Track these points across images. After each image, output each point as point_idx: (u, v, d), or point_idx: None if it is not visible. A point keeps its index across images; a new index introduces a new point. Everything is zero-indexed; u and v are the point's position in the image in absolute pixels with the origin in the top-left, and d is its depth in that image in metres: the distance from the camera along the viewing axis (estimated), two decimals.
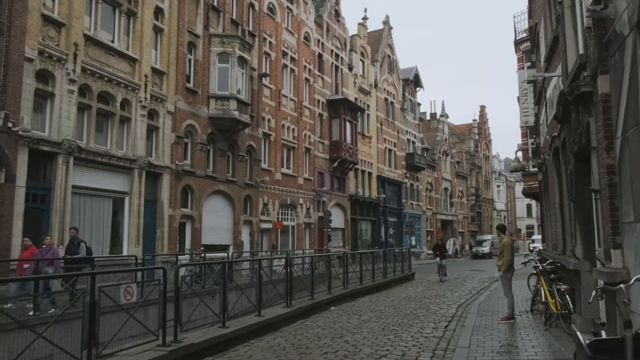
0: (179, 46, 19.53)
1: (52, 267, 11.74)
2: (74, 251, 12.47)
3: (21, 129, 13.13)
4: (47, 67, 14.22)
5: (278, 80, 26.45)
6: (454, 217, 53.20)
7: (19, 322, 7.64)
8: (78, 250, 12.47)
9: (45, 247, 11.99)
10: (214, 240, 20.89)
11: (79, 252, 12.46)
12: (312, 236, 29.09)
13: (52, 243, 12.44)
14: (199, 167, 20.16)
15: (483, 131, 64.15)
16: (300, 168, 28.08)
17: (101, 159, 15.88)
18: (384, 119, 40.17)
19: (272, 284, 12.18)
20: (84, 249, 12.61)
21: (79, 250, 12.47)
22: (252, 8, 24.89)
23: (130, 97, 17.03)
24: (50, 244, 12.16)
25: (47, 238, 12.32)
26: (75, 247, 12.52)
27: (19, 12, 13.28)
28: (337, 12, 34.24)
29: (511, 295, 10.54)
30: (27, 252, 11.87)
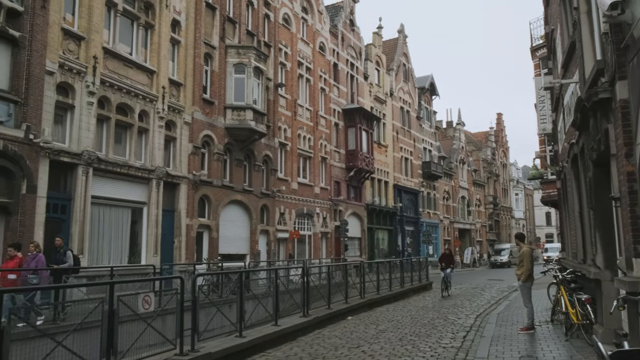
0: (195, 57, 19.77)
1: (37, 277, 11.18)
2: (60, 260, 11.99)
3: (42, 141, 13.37)
4: (67, 80, 14.49)
5: (294, 90, 26.59)
6: (471, 225, 52.73)
7: (39, 331, 7.75)
8: (65, 259, 12.03)
9: (30, 255, 11.41)
10: (231, 249, 20.97)
11: (66, 260, 12.02)
12: (328, 245, 29.04)
13: (39, 250, 11.70)
14: (215, 177, 20.31)
15: (500, 139, 63.63)
16: (316, 177, 28.12)
17: (120, 170, 16.09)
18: (400, 128, 40.10)
19: (289, 293, 12.17)
20: (70, 257, 12.19)
21: (65, 259, 12.02)
22: (268, 19, 25.12)
23: (148, 108, 17.26)
24: (34, 252, 11.50)
25: (31, 245, 11.71)
26: (62, 256, 12.05)
27: (40, 27, 13.57)
28: (351, 21, 34.38)
29: (531, 305, 10.38)
30: (12, 262, 11.07)
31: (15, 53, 13.00)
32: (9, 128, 12.65)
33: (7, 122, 12.66)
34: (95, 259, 15.24)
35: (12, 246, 11.26)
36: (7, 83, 12.82)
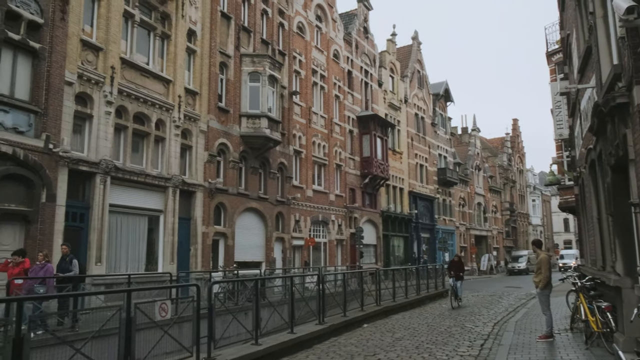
0: (211, 67, 19.96)
1: (44, 287, 11.08)
2: (65, 268, 11.87)
3: (61, 150, 13.59)
4: (86, 90, 14.73)
5: (308, 98, 26.70)
6: (488, 232, 52.26)
7: (58, 338, 7.84)
8: (70, 267, 11.90)
9: (38, 264, 11.31)
10: (246, 257, 21.04)
11: (72, 269, 11.89)
12: (344, 253, 28.99)
13: (48, 260, 11.56)
14: (231, 184, 20.43)
15: (516, 144, 63.12)
16: (331, 185, 28.13)
17: (137, 178, 16.27)
18: (415, 134, 39.99)
19: (304, 300, 12.18)
20: (76, 265, 12.05)
21: (71, 268, 11.89)
22: (282, 28, 25.30)
23: (164, 117, 17.45)
24: (43, 261, 11.38)
25: (40, 254, 11.60)
26: (67, 264, 11.93)
27: (60, 38, 13.83)
28: (365, 29, 34.47)
29: (549, 312, 10.25)
30: (17, 269, 10.89)
31: (36, 64, 13.26)
32: (29, 138, 12.88)
33: (27, 132, 12.90)
34: (112, 267, 15.40)
35: (16, 253, 11.15)
36: (27, 94, 13.08)
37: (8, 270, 10.82)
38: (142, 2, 17.04)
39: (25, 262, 11.06)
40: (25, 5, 12.99)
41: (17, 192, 12.68)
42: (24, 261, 11.02)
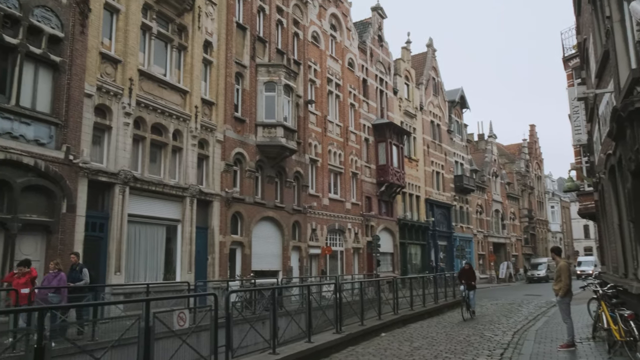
0: (227, 77, 20.16)
1: (58, 296, 11.04)
2: (76, 277, 11.85)
3: (81, 161, 13.81)
4: (105, 102, 14.97)
5: (323, 107, 26.79)
6: (506, 239, 51.68)
7: (79, 347, 7.95)
8: (81, 276, 11.88)
9: (52, 273, 11.26)
10: (263, 266, 21.09)
11: (82, 278, 11.85)
12: (360, 261, 28.89)
13: (60, 269, 11.43)
14: (248, 194, 20.53)
15: (534, 151, 62.49)
16: (347, 193, 28.11)
17: (155, 188, 16.44)
18: (431, 142, 39.84)
19: (321, 309, 12.16)
20: (87, 275, 11.98)
21: (81, 277, 11.87)
22: (297, 37, 25.48)
23: (181, 127, 17.65)
24: (57, 269, 11.30)
25: (51, 263, 11.56)
26: (78, 274, 11.92)
27: (79, 52, 14.10)
28: (380, 37, 34.53)
29: (570, 321, 10.10)
30: (23, 279, 10.73)
31: (56, 77, 13.53)
32: (50, 149, 13.12)
33: (48, 143, 13.14)
34: (131, 276, 15.54)
35: (21, 264, 10.99)
36: (48, 106, 13.34)
37: (14, 280, 10.73)
38: (160, 14, 17.31)
39: (32, 271, 10.95)
40: (46, 20, 13.28)
41: (39, 202, 12.91)
42: (30, 271, 10.87)
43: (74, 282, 11.67)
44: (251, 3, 22.12)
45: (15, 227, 12.14)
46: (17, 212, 12.18)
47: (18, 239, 12.27)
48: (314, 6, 27.08)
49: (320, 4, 27.78)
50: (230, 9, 20.72)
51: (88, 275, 12.04)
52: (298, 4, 25.69)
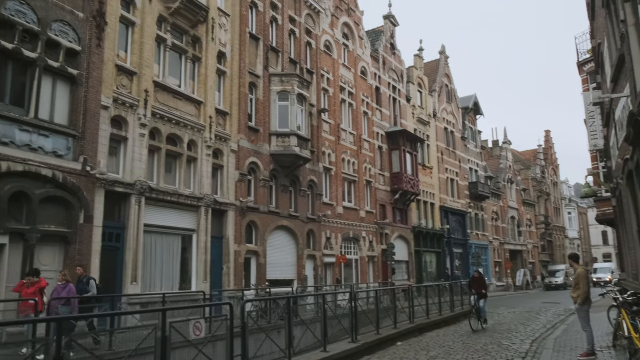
0: (240, 87, 20.32)
1: (69, 307, 10.90)
2: (83, 289, 11.81)
3: (98, 172, 13.99)
4: (121, 114, 15.17)
5: (337, 115, 26.85)
6: (523, 246, 51.10)
7: (97, 357, 8.01)
8: (88, 288, 11.86)
9: (60, 284, 11.13)
10: (278, 275, 21.10)
11: (89, 290, 11.84)
12: (376, 269, 28.77)
13: (68, 280, 11.33)
14: (262, 203, 20.60)
15: (549, 156, 61.89)
16: (361, 201, 28.07)
17: (170, 198, 16.57)
18: (445, 149, 39.66)
19: (337, 318, 12.13)
20: (94, 287, 12.00)
21: (89, 289, 11.85)
22: (310, 47, 25.61)
23: (196, 138, 17.80)
24: (65, 281, 11.18)
25: (60, 274, 11.48)
26: (84, 285, 11.91)
27: (96, 65, 14.33)
28: (392, 45, 34.57)
29: (590, 329, 9.93)
30: (32, 289, 10.71)
31: (74, 90, 13.76)
32: (67, 161, 13.31)
33: (66, 155, 13.33)
34: (148, 286, 15.65)
35: (30, 274, 10.99)
36: (66, 119, 13.56)
37: (23, 290, 10.74)
38: (174, 27, 17.53)
39: (41, 281, 10.90)
40: (64, 34, 13.53)
41: (57, 214, 13.08)
42: (39, 280, 10.83)
43: (81, 294, 11.60)
44: (264, 14, 22.31)
45: (34, 238, 12.32)
46: (36, 223, 12.36)
47: (37, 250, 12.43)
48: (327, 16, 27.23)
49: (333, 13, 27.93)
50: (243, 20, 20.92)
51: (95, 287, 12.04)
52: (310, 13, 25.86)
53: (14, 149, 12.10)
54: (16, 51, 12.37)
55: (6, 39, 12.19)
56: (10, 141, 12.06)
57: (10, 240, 11.96)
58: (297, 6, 24.78)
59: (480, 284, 16.77)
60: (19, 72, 12.66)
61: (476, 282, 16.93)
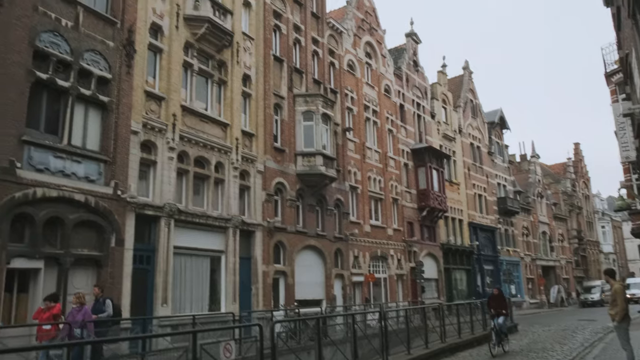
0: (265, 108, 20.58)
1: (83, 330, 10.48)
2: (99, 310, 11.60)
3: (129, 196, 14.28)
4: (150, 138, 15.51)
5: (361, 133, 26.91)
6: (555, 262, 49.87)
7: None
8: (104, 308, 11.65)
9: (76, 307, 10.83)
10: (307, 295, 21.03)
11: (105, 310, 11.63)
12: (404, 288, 28.43)
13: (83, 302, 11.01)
14: (289, 223, 20.66)
15: (579, 169, 60.60)
16: (388, 219, 27.91)
17: (198, 220, 16.77)
18: (472, 164, 39.27)
19: (366, 338, 12.01)
20: (110, 306, 11.75)
21: (104, 309, 11.64)
22: (333, 67, 25.85)
23: (223, 159, 18.04)
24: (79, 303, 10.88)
25: (74, 296, 11.14)
26: (101, 305, 11.71)
27: (126, 91, 14.73)
28: (415, 62, 34.64)
29: (630, 347, 9.61)
30: (47, 314, 10.58)
31: (105, 116, 14.15)
32: (99, 186, 13.64)
33: (97, 180, 13.66)
34: (177, 308, 15.76)
35: (48, 298, 10.85)
36: (98, 144, 13.92)
37: (40, 316, 10.64)
38: (200, 52, 17.93)
39: (56, 307, 10.73)
40: (95, 62, 13.97)
41: (89, 237, 13.36)
42: (54, 306, 10.68)
43: (97, 315, 11.42)
44: (287, 36, 22.66)
45: (68, 261, 12.59)
46: (69, 247, 12.64)
47: (70, 273, 12.69)
48: (349, 36, 27.49)
49: (355, 33, 28.18)
50: (267, 42, 21.27)
51: (111, 307, 11.83)
52: (333, 34, 26.15)
53: (48, 175, 12.47)
54: (50, 81, 12.82)
55: (41, 70, 12.65)
56: (45, 168, 12.44)
57: (45, 264, 12.24)
58: (319, 27, 25.11)
59: (499, 302, 15.50)
60: (52, 101, 13.10)
61: (495, 300, 15.62)
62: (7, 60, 11.89)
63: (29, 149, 12.18)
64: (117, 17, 14.82)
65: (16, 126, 11.90)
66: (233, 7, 19.31)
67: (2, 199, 11.36)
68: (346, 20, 27.67)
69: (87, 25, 13.87)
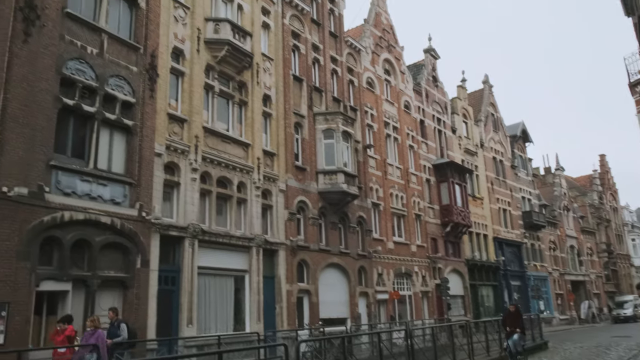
0: (286, 128, 20.74)
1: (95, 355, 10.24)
2: (114, 333, 11.46)
3: (153, 217, 14.46)
4: (173, 160, 15.74)
5: (382, 150, 26.88)
6: (585, 277, 48.69)
7: None
8: (118, 332, 11.50)
9: (89, 331, 10.64)
10: (331, 313, 20.88)
11: (120, 334, 11.48)
12: (430, 305, 28.04)
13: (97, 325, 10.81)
14: (312, 241, 20.64)
15: (606, 181, 59.40)
16: (412, 235, 27.68)
17: (222, 240, 16.86)
18: (495, 179, 38.83)
19: (392, 357, 11.85)
20: (124, 330, 11.60)
21: (119, 333, 11.49)
22: (352, 84, 25.99)
23: (245, 179, 18.18)
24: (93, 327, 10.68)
25: (89, 320, 11.00)
26: (116, 329, 11.56)
27: (149, 114, 15.02)
28: (434, 77, 34.62)
29: None
30: (61, 337, 10.56)
31: (129, 140, 14.42)
32: (124, 208, 13.84)
33: (123, 202, 13.88)
34: (202, 328, 15.79)
35: (61, 320, 10.87)
36: (122, 167, 14.18)
37: (55, 338, 10.64)
38: (221, 74, 18.22)
39: (68, 329, 10.70)
40: (119, 87, 14.30)
41: (115, 259, 13.54)
42: (67, 328, 10.65)
43: (112, 338, 11.26)
44: (306, 55, 22.90)
45: (95, 283, 12.75)
46: (96, 269, 12.82)
47: (97, 295, 12.84)
48: (367, 53, 27.66)
49: (373, 50, 28.35)
50: (286, 63, 21.53)
51: (126, 331, 11.66)
52: (351, 52, 26.34)
53: (75, 198, 12.71)
54: (77, 106, 13.14)
55: (68, 96, 12.99)
56: (72, 191, 12.69)
57: (73, 286, 12.42)
58: (337, 46, 25.34)
59: (515, 319, 14.66)
60: (79, 126, 13.41)
61: (510, 317, 14.80)
62: (36, 88, 12.24)
63: (56, 174, 12.46)
64: (140, 43, 15.19)
65: (44, 151, 12.21)
66: (252, 29, 19.64)
67: (31, 222, 11.62)
68: (364, 38, 27.87)
69: (111, 52, 14.24)
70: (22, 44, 12.14)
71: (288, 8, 22.34)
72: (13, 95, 11.77)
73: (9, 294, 10.99)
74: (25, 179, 11.67)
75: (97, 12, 14.31)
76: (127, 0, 15.29)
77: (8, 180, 11.35)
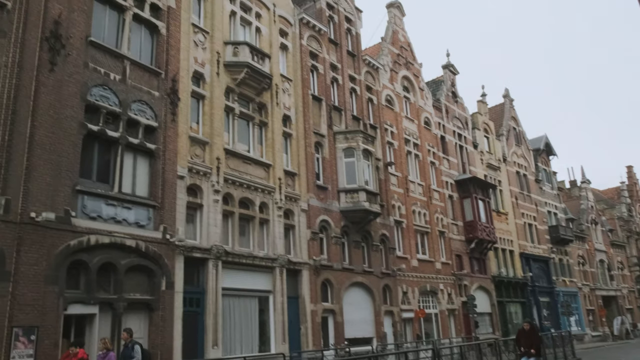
0: (307, 147, 20.82)
1: None
2: (128, 355, 11.32)
3: (177, 240, 14.57)
4: (196, 182, 15.89)
5: (403, 167, 26.76)
6: (616, 291, 47.33)
7: None
8: (132, 353, 11.32)
9: (101, 353, 10.87)
10: (356, 333, 20.62)
11: (134, 355, 11.30)
12: (457, 323, 27.52)
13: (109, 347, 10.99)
14: (335, 260, 20.52)
15: (635, 193, 58.04)
16: (436, 252, 27.33)
17: (245, 261, 16.88)
18: (519, 193, 38.25)
19: None
20: (138, 352, 11.37)
21: (133, 354, 11.31)
22: (371, 102, 26.05)
23: (267, 200, 18.24)
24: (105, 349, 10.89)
25: (100, 341, 11.23)
26: (130, 351, 11.38)
27: (172, 138, 15.24)
28: (454, 93, 34.51)
29: None
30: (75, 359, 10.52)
31: (152, 163, 14.63)
32: (149, 230, 13.98)
33: (147, 225, 14.02)
34: (228, 350, 15.73)
35: (73, 344, 10.89)
36: (146, 190, 14.36)
37: None
38: (241, 96, 18.44)
39: (79, 352, 10.65)
40: (142, 112, 14.57)
41: (141, 282, 13.64)
42: (78, 352, 10.61)
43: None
44: (325, 75, 23.07)
45: (121, 306, 12.84)
46: (122, 292, 12.92)
47: (124, 318, 12.91)
48: (385, 71, 27.75)
49: (391, 68, 28.43)
50: (305, 83, 21.71)
51: (140, 353, 11.44)
52: (370, 70, 26.46)
53: (100, 222, 12.89)
54: (101, 132, 13.41)
55: (92, 122, 13.27)
56: (98, 215, 12.88)
57: (100, 309, 12.54)
58: (355, 65, 25.48)
59: (530, 338, 13.05)
60: (103, 151, 13.67)
61: (525, 336, 13.25)
62: (61, 115, 12.54)
63: (82, 198, 12.67)
64: (162, 68, 15.49)
65: (70, 177, 12.45)
66: (270, 51, 19.90)
67: (58, 247, 11.80)
68: (382, 56, 27.99)
69: (133, 78, 14.54)
70: (48, 72, 12.48)
71: (305, 29, 22.61)
72: (40, 123, 12.07)
73: (38, 318, 11.15)
74: (52, 204, 11.89)
75: (120, 39, 14.68)
76: (148, 27, 15.66)
77: (36, 205, 11.58)
